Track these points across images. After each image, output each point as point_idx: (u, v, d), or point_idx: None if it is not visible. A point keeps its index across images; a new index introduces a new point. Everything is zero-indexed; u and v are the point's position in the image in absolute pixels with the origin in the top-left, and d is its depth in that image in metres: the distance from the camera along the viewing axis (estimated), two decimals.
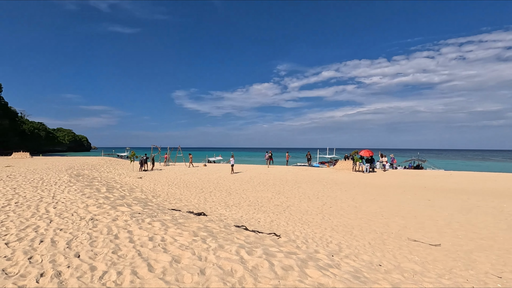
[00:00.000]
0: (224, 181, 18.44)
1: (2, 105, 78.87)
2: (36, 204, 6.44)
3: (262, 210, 10.70)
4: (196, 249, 3.67)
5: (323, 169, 25.15)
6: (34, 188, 9.02)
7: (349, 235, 8.01)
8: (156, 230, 4.53)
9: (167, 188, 15.06)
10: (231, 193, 14.11)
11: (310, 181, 18.51)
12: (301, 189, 15.50)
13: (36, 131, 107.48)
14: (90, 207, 6.11)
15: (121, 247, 3.64)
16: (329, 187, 16.29)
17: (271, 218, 9.55)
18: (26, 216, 5.30)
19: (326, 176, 20.91)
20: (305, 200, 12.80)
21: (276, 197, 13.33)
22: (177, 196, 12.67)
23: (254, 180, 18.82)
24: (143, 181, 17.57)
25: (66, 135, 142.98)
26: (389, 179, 19.21)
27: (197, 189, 15.25)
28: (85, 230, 4.34)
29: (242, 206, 11.36)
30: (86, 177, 13.69)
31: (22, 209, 5.87)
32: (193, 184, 17.16)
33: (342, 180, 18.78)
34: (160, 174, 21.41)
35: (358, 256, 6.14)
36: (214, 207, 10.88)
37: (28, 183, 10.24)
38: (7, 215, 5.38)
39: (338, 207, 11.30)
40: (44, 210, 5.80)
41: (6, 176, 12.41)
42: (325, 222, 9.39)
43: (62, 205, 6.27)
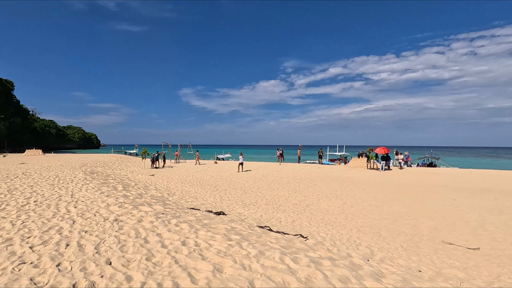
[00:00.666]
0: (237, 179, 18.14)
1: (14, 103, 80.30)
2: (55, 203, 6.22)
3: (281, 209, 10.35)
4: (236, 256, 3.33)
5: (336, 167, 24.63)
6: (51, 186, 8.85)
7: (377, 237, 7.60)
8: (186, 233, 4.21)
9: (181, 186, 14.84)
10: (246, 191, 13.80)
11: (325, 179, 18.06)
12: (317, 188, 15.08)
13: (47, 129, 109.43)
14: (111, 207, 5.85)
15: (154, 253, 3.33)
16: (345, 185, 15.82)
17: (292, 218, 9.19)
18: (47, 216, 5.06)
19: (341, 174, 20.41)
20: (323, 199, 12.39)
21: (293, 196, 12.95)
22: (192, 194, 12.42)
23: (268, 178, 18.47)
24: (155, 178, 17.41)
25: (76, 132, 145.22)
26: (406, 177, 18.60)
27: (211, 187, 14.98)
28: (111, 233, 4.05)
29: (260, 205, 11.03)
30: (100, 174, 13.55)
31: (42, 209, 5.65)
32: (206, 181, 16.91)
33: (358, 178, 18.27)
34: (171, 172, 21.26)
35: (394, 261, 5.72)
36: (231, 205, 10.57)
37: (45, 180, 10.10)
38: (27, 215, 5.15)
39: (359, 207, 10.87)
40: (65, 209, 5.56)
41: (21, 173, 12.35)
42: (349, 222, 8.98)
43: (83, 204, 6.03)
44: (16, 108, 78.41)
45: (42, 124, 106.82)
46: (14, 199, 6.68)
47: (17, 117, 74.11)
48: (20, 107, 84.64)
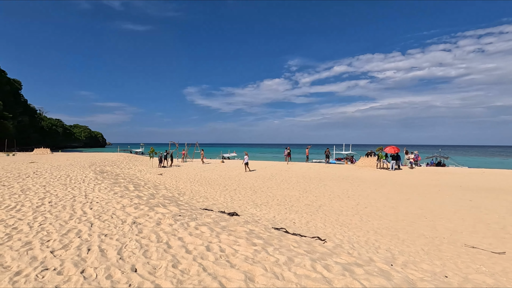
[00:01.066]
0: (246, 178, 18.01)
1: (22, 102, 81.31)
2: (70, 204, 6.14)
3: (293, 210, 10.19)
4: (265, 263, 3.17)
5: (344, 166, 24.35)
6: (64, 185, 8.80)
7: (396, 240, 7.39)
8: (208, 237, 4.07)
9: (190, 185, 14.76)
10: (256, 191, 13.65)
11: (334, 179, 17.83)
12: (328, 187, 14.87)
13: (54, 128, 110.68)
14: (127, 208, 5.74)
15: (179, 259, 3.20)
16: (356, 185, 15.58)
17: (306, 219, 9.02)
18: (64, 218, 4.97)
19: (350, 173, 20.15)
20: (335, 199, 12.18)
21: (304, 196, 12.77)
22: (202, 194, 12.32)
23: (276, 178, 18.30)
24: (164, 177, 17.36)
25: (83, 131, 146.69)
26: (418, 177, 18.27)
27: (220, 187, 14.88)
28: (132, 237, 3.93)
29: (272, 205, 10.87)
30: (110, 174, 13.53)
31: (58, 210, 5.56)
32: (215, 181, 16.81)
33: (368, 178, 18.00)
34: (179, 171, 21.22)
35: (417, 265, 5.51)
36: (243, 206, 10.44)
37: (56, 180, 10.07)
38: (44, 216, 5.06)
39: (373, 208, 10.64)
40: (81, 211, 5.46)
41: (33, 172, 12.37)
42: (364, 224, 8.78)
43: (98, 206, 5.94)
44: (24, 107, 79.38)
45: (49, 123, 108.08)
46: (28, 199, 6.62)
47: (25, 116, 75.03)
48: (27, 106, 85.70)
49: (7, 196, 6.97)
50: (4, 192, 7.54)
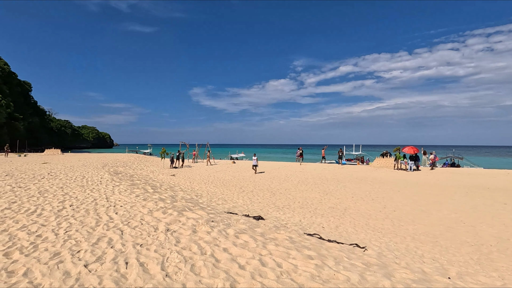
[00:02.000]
0: (261, 180, 17.54)
1: (32, 103, 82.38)
2: (93, 207, 5.75)
3: (319, 214, 9.67)
4: (337, 282, 2.68)
5: (360, 167, 23.69)
6: (81, 187, 8.45)
7: (438, 247, 6.83)
8: (254, 248, 3.61)
9: (205, 187, 14.35)
10: (274, 193, 13.16)
11: (352, 180, 17.23)
12: (348, 189, 14.30)
13: (62, 129, 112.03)
14: (155, 213, 5.31)
15: (235, 277, 2.73)
16: (377, 187, 14.97)
17: (334, 223, 8.50)
18: (90, 224, 4.56)
19: (367, 174, 19.50)
20: (359, 201, 11.62)
21: (325, 198, 12.24)
22: (219, 196, 11.89)
23: (292, 179, 17.78)
24: (177, 178, 17.01)
25: (90, 132, 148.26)
26: (439, 178, 17.55)
27: (236, 188, 14.44)
28: (171, 247, 3.48)
29: (294, 208, 10.37)
30: (124, 175, 13.19)
31: (81, 214, 5.17)
32: (230, 182, 16.37)
33: (388, 179, 17.34)
34: (191, 172, 20.86)
35: (474, 278, 4.94)
36: (264, 209, 9.96)
37: (72, 181, 9.75)
38: (68, 222, 4.66)
39: (403, 211, 10.06)
40: (107, 216, 5.05)
41: (47, 173, 12.10)
42: (398, 229, 8.22)
43: (123, 210, 5.53)
44: (33, 109, 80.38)
45: (58, 124, 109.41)
46: (48, 202, 6.25)
47: (35, 117, 75.92)
48: (37, 107, 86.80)
49: (25, 199, 6.62)
50: (22, 194, 7.21)
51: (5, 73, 64.18)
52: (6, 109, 55.68)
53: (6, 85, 62.57)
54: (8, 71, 66.42)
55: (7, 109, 56.23)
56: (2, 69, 63.50)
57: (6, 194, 7.24)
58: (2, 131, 53.96)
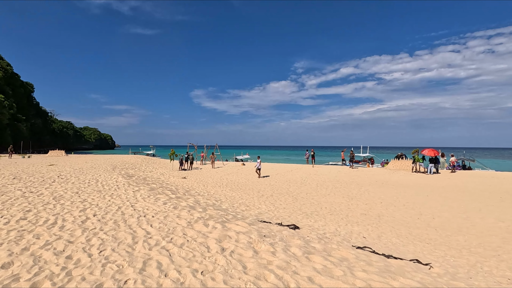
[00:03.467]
0: (277, 183, 16.78)
1: (34, 105, 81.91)
2: (121, 218, 5.01)
3: (352, 221, 8.91)
4: None
5: (375, 170, 22.92)
6: (99, 192, 7.72)
7: (504, 262, 6.04)
8: (341, 276, 2.86)
9: (221, 191, 13.60)
10: (296, 198, 12.41)
11: (373, 184, 16.45)
12: (372, 193, 13.53)
13: (65, 130, 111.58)
14: (195, 225, 4.57)
15: None
16: (402, 191, 14.19)
17: (375, 233, 7.74)
18: (125, 240, 3.82)
19: (385, 177, 18.72)
20: (391, 207, 10.87)
21: (353, 203, 11.48)
22: (239, 201, 11.14)
23: (309, 182, 17.02)
24: (189, 181, 16.27)
25: (92, 133, 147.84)
26: (463, 181, 16.75)
27: (254, 192, 13.70)
28: (241, 277, 2.74)
29: (324, 214, 9.62)
30: (138, 178, 12.46)
31: (111, 227, 4.43)
32: (246, 185, 15.63)
33: (410, 183, 16.56)
34: (202, 174, 20.11)
35: None
36: (293, 216, 9.21)
37: (87, 185, 9.03)
38: (99, 238, 3.92)
39: (442, 218, 9.29)
40: (141, 229, 4.31)
41: (57, 176, 11.38)
42: (447, 240, 7.45)
43: (157, 221, 4.79)
44: (36, 110, 79.92)
45: (60, 125, 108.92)
46: (67, 211, 5.52)
47: (38, 119, 75.42)
48: (39, 109, 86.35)
49: (41, 206, 5.89)
50: (35, 201, 6.48)
51: (8, 74, 63.68)
52: (9, 110, 55.12)
53: (9, 86, 62.08)
54: (11, 72, 65.94)
55: (10, 110, 55.67)
56: (5, 70, 63.01)
57: (18, 200, 6.52)
58: (5, 133, 53.37)
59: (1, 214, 5.26)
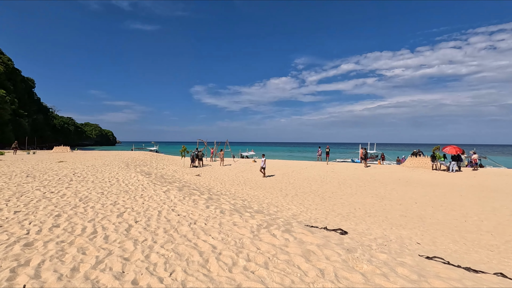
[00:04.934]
0: (296, 180, 16.13)
1: (35, 100, 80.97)
2: (169, 225, 4.34)
3: (395, 224, 8.26)
4: None
5: (393, 167, 22.27)
6: (126, 193, 7.05)
7: None
8: None
9: (241, 189, 12.93)
10: (323, 198, 11.74)
11: (396, 182, 15.79)
12: (401, 192, 12.87)
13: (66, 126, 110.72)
14: (262, 236, 3.90)
15: None
16: (431, 190, 13.53)
17: (427, 238, 7.08)
18: (193, 258, 3.14)
19: (407, 175, 18.05)
20: (428, 208, 10.21)
21: (386, 204, 10.82)
22: (265, 201, 10.48)
23: (329, 180, 16.35)
24: (205, 179, 15.60)
25: (93, 129, 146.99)
26: (490, 180, 16.10)
27: (276, 190, 13.05)
28: None
29: (361, 216, 8.96)
30: (158, 176, 11.80)
31: (165, 239, 3.75)
32: (264, 183, 14.95)
33: (436, 181, 15.89)
34: (215, 171, 19.44)
35: None
36: (329, 217, 8.54)
37: (109, 184, 8.36)
38: (159, 254, 3.24)
39: (492, 221, 8.62)
40: (203, 242, 3.64)
41: (72, 174, 10.71)
42: (510, 246, 6.80)
43: (216, 231, 4.11)
44: (38, 106, 79.02)
45: (61, 121, 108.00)
46: (102, 216, 4.85)
47: (40, 114, 74.60)
48: (41, 104, 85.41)
49: (70, 210, 5.22)
50: (61, 203, 5.80)
51: (9, 69, 62.69)
52: (10, 105, 54.29)
53: (10, 82, 61.15)
54: (12, 67, 64.91)
55: (11, 106, 54.85)
56: (6, 65, 61.99)
57: (41, 202, 5.84)
58: (7, 128, 52.60)
59: (29, 220, 4.59)
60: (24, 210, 5.23)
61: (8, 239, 3.68)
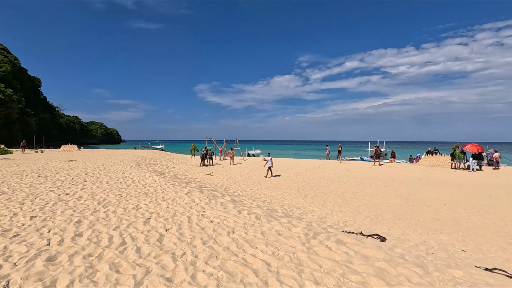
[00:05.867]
0: (311, 180, 15.59)
1: (41, 99, 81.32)
2: (206, 236, 3.85)
3: (431, 228, 7.68)
4: None
5: (408, 166, 21.59)
6: (146, 195, 6.59)
7: None
8: None
9: (257, 189, 12.42)
10: (345, 199, 11.18)
11: (416, 181, 15.16)
12: (425, 193, 12.24)
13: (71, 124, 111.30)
14: (317, 249, 3.39)
15: None
16: (455, 190, 12.89)
17: (471, 244, 6.49)
18: (248, 279, 2.64)
19: (425, 174, 17.39)
20: (460, 210, 9.60)
21: (412, 205, 10.22)
22: (285, 202, 9.96)
23: (346, 180, 15.77)
24: (218, 179, 15.13)
25: (99, 128, 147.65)
26: None
27: (294, 190, 12.52)
28: None
29: (391, 219, 8.40)
30: (172, 176, 11.34)
31: (207, 253, 3.26)
32: (280, 184, 14.40)
33: (457, 181, 15.23)
34: (226, 171, 18.97)
35: None
36: (357, 221, 7.99)
37: (125, 185, 7.91)
38: (207, 274, 2.75)
39: None
40: (253, 258, 3.14)
41: (84, 174, 10.31)
42: None
43: (259, 241, 3.60)
44: (44, 104, 79.36)
45: (67, 120, 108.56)
46: (128, 223, 4.38)
47: (46, 113, 74.90)
48: (47, 103, 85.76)
49: (91, 215, 4.76)
50: (79, 207, 5.35)
51: (16, 68, 62.88)
52: (17, 104, 54.44)
53: (17, 80, 61.34)
54: (18, 66, 65.13)
55: (19, 105, 55.00)
56: (12, 64, 62.18)
57: (58, 206, 5.39)
58: (14, 127, 52.77)
59: (47, 227, 4.14)
60: (40, 215, 4.78)
61: (28, 252, 3.22)
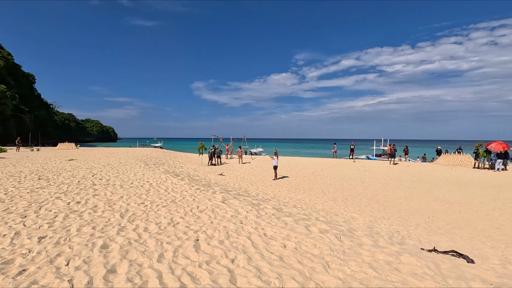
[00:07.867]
0: (332, 181, 14.54)
1: (36, 96, 79.18)
2: (296, 271, 2.74)
3: (503, 241, 6.65)
4: None
5: (426, 165, 20.67)
6: (175, 204, 5.47)
7: None
8: None
9: (279, 191, 11.32)
10: (380, 203, 10.14)
11: (445, 182, 14.21)
12: (463, 195, 11.26)
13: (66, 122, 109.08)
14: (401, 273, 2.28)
15: None
16: (493, 192, 11.94)
17: None
18: None
19: (451, 174, 16.46)
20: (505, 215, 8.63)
21: (458, 210, 9.23)
22: (317, 207, 8.88)
23: (369, 181, 14.76)
24: (230, 179, 14.00)
25: (94, 125, 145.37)
26: None
27: (319, 192, 11.47)
28: None
29: (446, 228, 7.36)
30: (189, 177, 10.21)
31: None
32: (302, 185, 13.27)
33: (488, 182, 14.31)
34: (236, 170, 17.84)
35: None
36: (413, 231, 6.92)
37: (145, 191, 6.78)
38: None
39: None
40: None
41: (91, 176, 9.13)
42: None
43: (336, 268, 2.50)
44: (39, 101, 77.30)
45: (62, 117, 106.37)
46: (173, 248, 3.26)
47: (42, 110, 72.90)
48: (42, 100, 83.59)
49: (118, 236, 3.63)
50: (97, 222, 4.21)
51: (10, 64, 60.80)
52: (12, 101, 52.58)
53: (11, 77, 59.33)
54: (12, 62, 63.00)
55: (12, 101, 53.13)
56: (6, 59, 60.07)
57: (69, 220, 4.24)
58: (9, 124, 50.95)
59: (64, 256, 3.01)
60: (51, 235, 3.65)
61: None
